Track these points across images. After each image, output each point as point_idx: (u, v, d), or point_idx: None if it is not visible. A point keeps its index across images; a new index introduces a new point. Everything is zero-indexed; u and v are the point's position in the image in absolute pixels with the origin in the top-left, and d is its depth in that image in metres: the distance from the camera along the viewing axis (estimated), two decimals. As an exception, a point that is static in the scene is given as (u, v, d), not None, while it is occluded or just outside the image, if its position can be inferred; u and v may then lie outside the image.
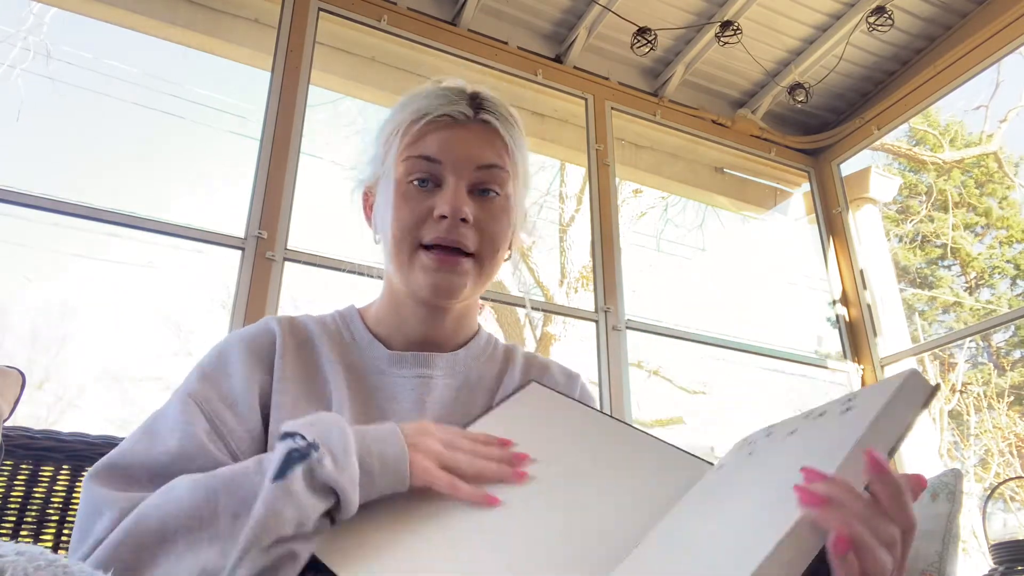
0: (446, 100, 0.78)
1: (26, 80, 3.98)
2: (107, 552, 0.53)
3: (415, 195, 0.76)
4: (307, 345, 0.78)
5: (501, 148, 0.78)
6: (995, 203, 9.42)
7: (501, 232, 0.77)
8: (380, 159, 0.81)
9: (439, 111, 0.77)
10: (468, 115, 0.78)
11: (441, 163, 0.76)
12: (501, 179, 0.78)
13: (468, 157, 0.76)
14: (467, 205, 0.74)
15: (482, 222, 0.76)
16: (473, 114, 0.78)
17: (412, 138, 0.77)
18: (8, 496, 1.01)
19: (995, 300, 9.31)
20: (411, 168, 0.76)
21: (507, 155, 0.79)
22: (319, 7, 2.50)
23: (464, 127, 0.77)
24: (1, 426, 0.95)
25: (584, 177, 3.79)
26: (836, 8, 2.87)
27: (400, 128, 0.79)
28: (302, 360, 0.76)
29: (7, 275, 4.87)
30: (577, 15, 2.87)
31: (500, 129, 0.79)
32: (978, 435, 7.94)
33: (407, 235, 0.75)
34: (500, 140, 0.79)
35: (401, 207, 0.76)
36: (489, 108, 0.80)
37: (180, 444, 0.64)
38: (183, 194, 6.24)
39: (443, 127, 0.77)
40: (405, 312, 0.80)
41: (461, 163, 0.76)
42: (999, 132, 8.42)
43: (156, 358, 5.41)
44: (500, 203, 0.78)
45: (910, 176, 9.46)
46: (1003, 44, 2.69)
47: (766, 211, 3.63)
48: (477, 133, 0.78)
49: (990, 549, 1.56)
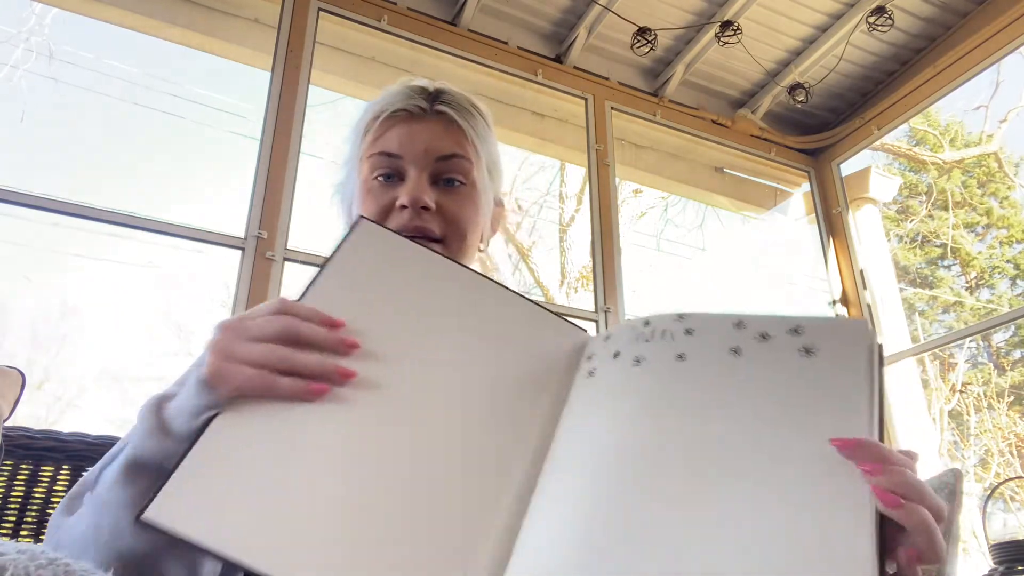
0: (404, 96, 0.80)
1: (28, 81, 3.98)
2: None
3: (378, 190, 0.78)
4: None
5: (460, 137, 0.80)
6: (996, 203, 9.42)
7: (467, 218, 0.78)
8: (350, 161, 0.84)
9: (395, 107, 0.79)
10: (424, 108, 0.80)
11: (401, 157, 0.78)
12: (463, 168, 0.79)
13: (427, 149, 0.78)
14: (427, 194, 0.76)
15: (446, 209, 0.77)
16: (429, 107, 0.80)
17: (373, 136, 0.79)
18: (8, 496, 1.01)
19: (995, 300, 9.31)
20: (374, 165, 0.79)
21: (468, 143, 0.80)
22: (319, 7, 2.51)
23: (421, 120, 0.79)
24: (1, 426, 0.95)
25: (584, 177, 3.79)
26: (836, 8, 2.87)
27: (362, 128, 0.81)
28: None
29: (7, 275, 4.87)
30: (577, 15, 2.87)
31: (458, 119, 0.80)
32: (978, 435, 7.95)
33: None
34: (459, 130, 0.80)
35: (367, 202, 0.78)
36: (446, 100, 0.81)
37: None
38: (183, 194, 6.24)
39: (401, 122, 0.79)
40: None
41: (420, 155, 0.78)
42: (999, 132, 8.42)
43: (156, 358, 5.42)
44: (465, 191, 0.79)
45: (910, 176, 9.46)
46: (1003, 44, 2.69)
47: (766, 211, 3.63)
48: (435, 125, 0.79)
49: (990, 549, 1.57)
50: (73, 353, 5.46)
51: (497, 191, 0.87)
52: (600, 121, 2.93)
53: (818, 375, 0.47)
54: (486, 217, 0.83)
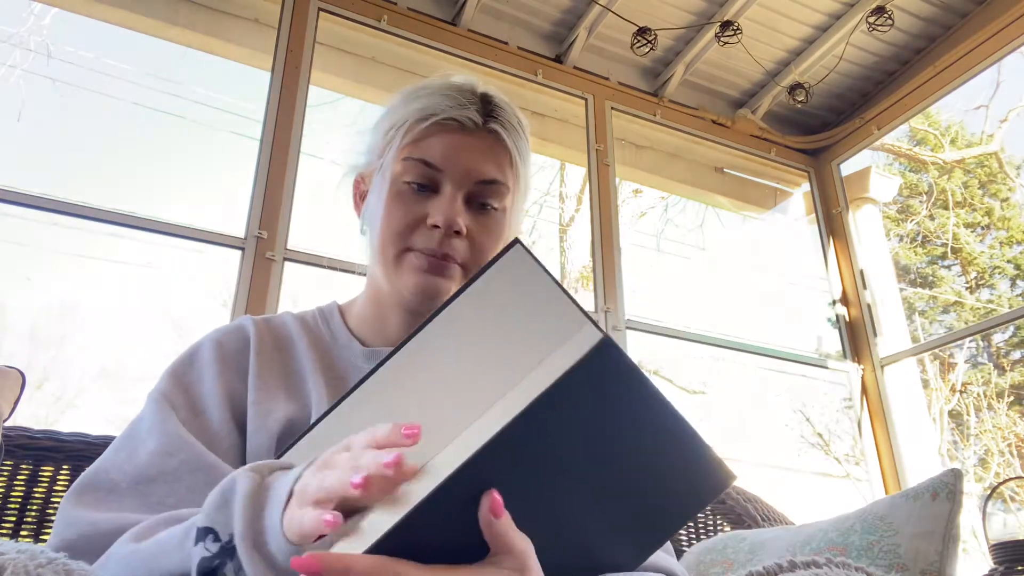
0: (455, 102, 0.74)
1: (27, 80, 3.98)
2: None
3: (409, 198, 0.73)
4: (285, 344, 0.76)
5: (505, 162, 0.75)
6: (997, 203, 9.42)
7: (493, 246, 0.75)
8: (378, 151, 0.78)
9: (447, 113, 0.73)
10: (477, 123, 0.74)
11: (442, 171, 0.73)
12: (500, 194, 0.75)
13: (471, 169, 0.73)
14: (461, 217, 0.72)
15: (475, 235, 0.73)
16: (482, 122, 0.74)
17: (415, 137, 0.74)
18: (8, 496, 1.01)
19: (995, 300, 9.31)
20: (409, 169, 0.73)
21: (511, 169, 0.76)
22: (319, 7, 2.51)
23: (471, 135, 0.74)
24: (1, 426, 0.95)
25: (584, 177, 3.79)
26: (836, 8, 2.87)
27: (403, 124, 0.75)
28: (279, 360, 0.74)
29: (7, 275, 4.88)
30: (577, 15, 2.87)
31: (508, 142, 0.75)
32: (978, 435, 7.95)
33: (396, 238, 0.73)
34: (506, 153, 0.75)
35: (394, 208, 0.73)
36: (499, 116, 0.76)
37: (159, 442, 0.63)
38: (183, 194, 6.24)
39: (449, 131, 0.73)
40: (386, 312, 0.78)
41: (463, 174, 0.73)
42: (999, 132, 8.42)
43: (156, 358, 5.42)
44: (496, 218, 0.75)
45: (911, 176, 9.47)
46: (1003, 44, 2.69)
47: (766, 211, 3.63)
48: (483, 144, 0.74)
49: (990, 549, 1.56)
50: (73, 353, 5.46)
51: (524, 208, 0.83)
52: (600, 121, 2.93)
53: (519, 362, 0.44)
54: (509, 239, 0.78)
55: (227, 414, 0.68)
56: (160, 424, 0.65)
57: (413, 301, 0.74)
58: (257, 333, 0.75)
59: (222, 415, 0.67)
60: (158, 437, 0.63)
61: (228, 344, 0.73)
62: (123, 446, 0.65)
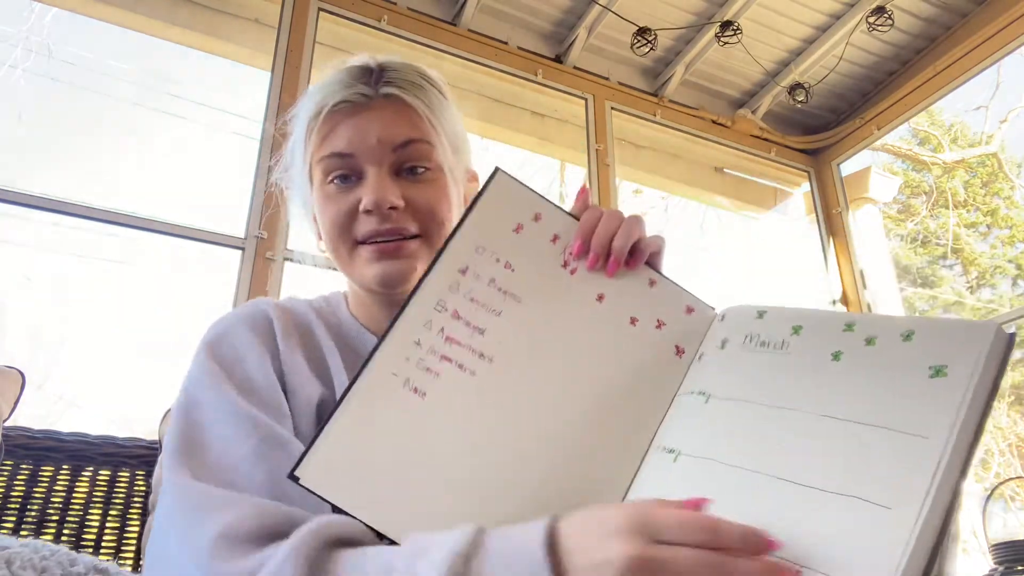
0: (343, 84, 0.72)
1: (27, 80, 3.98)
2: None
3: (338, 195, 0.72)
4: (303, 326, 0.74)
5: (415, 119, 0.72)
6: (1000, 202, 9.42)
7: (440, 206, 0.72)
8: (300, 165, 0.76)
9: (336, 98, 0.71)
10: (368, 94, 0.72)
11: (354, 155, 0.71)
12: (425, 153, 0.72)
13: (380, 140, 0.70)
14: (392, 192, 0.70)
15: (416, 202, 0.71)
16: (374, 91, 0.72)
17: (319, 136, 0.72)
18: (8, 496, 1.01)
19: (996, 300, 9.31)
20: (327, 168, 0.72)
21: (424, 124, 0.72)
22: (319, 7, 2.51)
23: (368, 109, 0.71)
24: (1, 426, 0.95)
25: (584, 177, 3.78)
26: (836, 8, 2.87)
27: (306, 127, 0.74)
28: (301, 340, 0.72)
29: (7, 275, 4.87)
30: (577, 15, 2.87)
31: (408, 99, 0.72)
32: (978, 435, 7.94)
33: (340, 237, 0.72)
34: (412, 111, 0.72)
35: (327, 211, 0.72)
36: (392, 79, 0.73)
37: (233, 426, 0.59)
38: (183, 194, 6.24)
39: (345, 115, 0.71)
40: (369, 302, 0.77)
41: (375, 149, 0.70)
42: (999, 133, 8.42)
43: (156, 358, 5.42)
44: (431, 177, 0.73)
45: (912, 176, 9.46)
46: (1003, 44, 2.69)
47: (766, 211, 3.63)
48: (384, 112, 0.71)
49: (990, 549, 1.56)
50: (73, 353, 5.46)
51: (467, 163, 0.81)
52: (600, 121, 2.93)
53: (935, 395, 0.42)
54: (459, 197, 0.77)
55: (278, 386, 0.65)
56: (221, 405, 0.61)
57: (382, 290, 0.72)
58: (279, 315, 0.73)
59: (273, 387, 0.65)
60: (226, 420, 0.60)
61: (257, 321, 0.71)
62: (191, 432, 0.60)
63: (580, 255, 0.60)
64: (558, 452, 0.53)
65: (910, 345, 0.45)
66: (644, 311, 0.59)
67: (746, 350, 0.53)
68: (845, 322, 0.49)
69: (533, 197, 0.62)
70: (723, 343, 0.56)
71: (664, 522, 0.40)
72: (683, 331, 0.59)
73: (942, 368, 0.43)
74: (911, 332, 0.46)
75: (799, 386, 0.48)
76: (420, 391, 0.53)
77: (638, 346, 0.58)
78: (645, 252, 0.62)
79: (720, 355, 0.55)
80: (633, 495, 0.52)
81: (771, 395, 0.49)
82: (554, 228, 0.61)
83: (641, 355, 0.58)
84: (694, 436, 0.52)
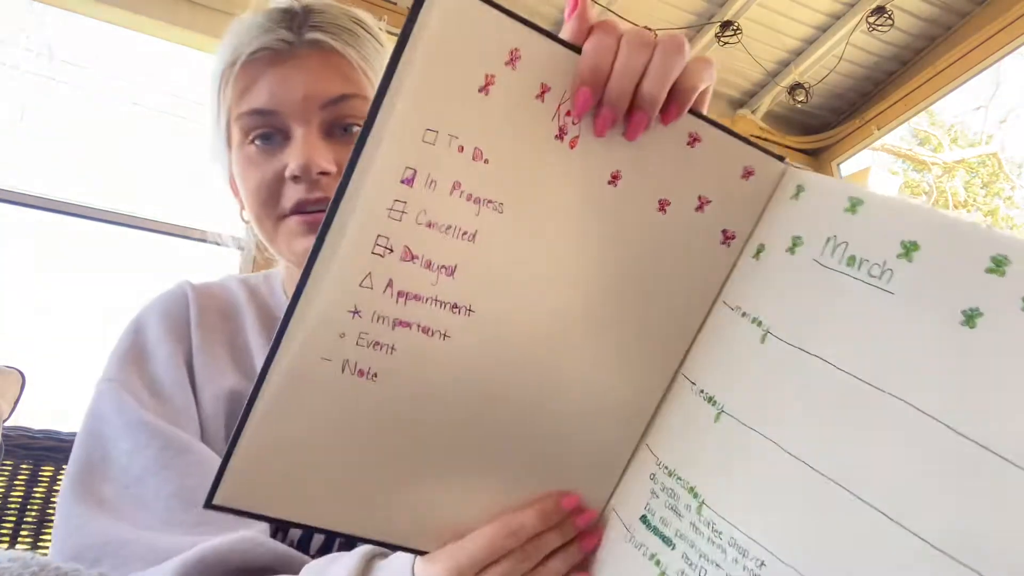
0: (262, 29, 0.61)
1: (27, 80, 3.99)
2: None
3: (259, 158, 0.62)
4: (228, 310, 0.69)
5: (348, 71, 0.62)
6: (1000, 202, 9.42)
7: None
8: (214, 124, 0.66)
9: (255, 45, 0.61)
10: (291, 40, 0.61)
11: (278, 112, 0.60)
12: (360, 109, 0.62)
13: (307, 95, 0.60)
14: (322, 155, 0.59)
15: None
16: (298, 38, 0.61)
17: (236, 89, 0.62)
18: (8, 496, 1.01)
19: (995, 300, 9.30)
20: (246, 127, 0.62)
21: (358, 75, 0.62)
22: (319, 7, 2.50)
23: (292, 57, 0.60)
24: (1, 426, 0.95)
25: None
26: (836, 8, 2.87)
27: (220, 78, 0.63)
28: (223, 329, 0.67)
29: (7, 275, 4.88)
30: (577, 15, 2.87)
31: (337, 47, 0.61)
32: (978, 435, 7.95)
33: (265, 206, 0.63)
34: (343, 61, 0.62)
35: (249, 177, 0.62)
36: (317, 23, 0.62)
37: (129, 438, 0.57)
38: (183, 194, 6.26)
39: (267, 64, 0.61)
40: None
41: (301, 105, 0.60)
42: (999, 133, 8.43)
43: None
44: None
45: (912, 176, 9.46)
46: (1003, 44, 2.69)
47: (766, 211, 3.63)
48: (311, 61, 0.61)
49: (990, 549, 1.56)
50: (73, 353, 5.46)
51: None
52: (600, 121, 2.93)
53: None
54: None
55: (187, 386, 0.61)
56: (121, 415, 0.57)
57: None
58: (197, 299, 0.68)
59: (182, 387, 0.61)
60: (125, 432, 0.56)
61: (171, 311, 0.66)
62: (93, 446, 0.57)
63: (584, 112, 0.39)
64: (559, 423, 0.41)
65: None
66: (679, 188, 0.40)
67: (826, 266, 0.33)
68: (991, 255, 0.27)
69: (503, 21, 0.40)
70: (794, 243, 0.37)
71: (478, 558, 0.39)
72: (736, 207, 0.41)
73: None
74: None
75: (908, 360, 0.29)
76: (369, 373, 0.37)
77: (668, 245, 0.40)
78: (690, 95, 0.39)
79: (788, 263, 0.36)
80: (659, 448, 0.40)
81: (864, 362, 0.30)
82: (541, 73, 0.40)
83: (672, 258, 0.40)
84: (745, 392, 0.35)
